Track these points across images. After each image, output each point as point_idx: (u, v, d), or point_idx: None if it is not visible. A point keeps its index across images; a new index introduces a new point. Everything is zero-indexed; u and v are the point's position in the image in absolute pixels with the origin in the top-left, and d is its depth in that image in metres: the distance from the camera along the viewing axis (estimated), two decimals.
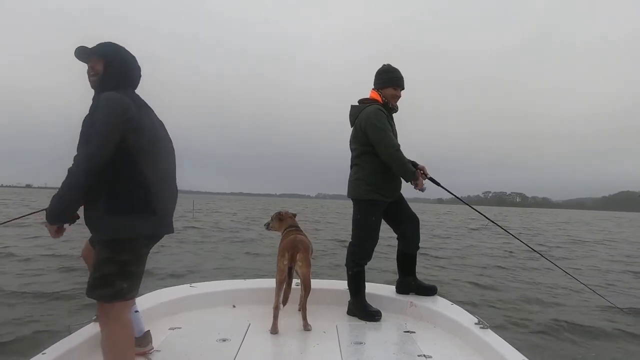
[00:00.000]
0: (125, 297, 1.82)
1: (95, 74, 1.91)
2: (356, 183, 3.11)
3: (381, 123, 2.98)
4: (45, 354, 1.97)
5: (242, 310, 3.05)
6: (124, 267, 1.80)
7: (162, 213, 1.89)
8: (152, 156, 1.87)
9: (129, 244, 1.81)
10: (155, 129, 1.96)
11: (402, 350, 2.42)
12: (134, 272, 1.84)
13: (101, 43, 1.95)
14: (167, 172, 1.97)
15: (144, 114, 1.91)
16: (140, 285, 1.94)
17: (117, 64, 1.93)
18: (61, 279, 6.81)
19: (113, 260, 1.78)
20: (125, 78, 1.95)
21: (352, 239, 3.15)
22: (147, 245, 1.92)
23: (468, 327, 2.53)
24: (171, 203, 1.98)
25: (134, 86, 2.01)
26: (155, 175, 1.86)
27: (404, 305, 3.07)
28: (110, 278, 1.78)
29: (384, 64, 3.20)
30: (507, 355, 2.12)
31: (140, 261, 1.88)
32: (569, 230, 27.98)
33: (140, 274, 1.90)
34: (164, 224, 1.92)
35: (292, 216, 3.17)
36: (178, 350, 2.32)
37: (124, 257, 1.79)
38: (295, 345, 2.49)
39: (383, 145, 2.97)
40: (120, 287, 1.79)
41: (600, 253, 14.04)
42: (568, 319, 5.52)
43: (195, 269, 8.12)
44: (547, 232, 24.50)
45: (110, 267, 1.78)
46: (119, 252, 1.79)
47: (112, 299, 1.79)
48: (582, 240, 19.40)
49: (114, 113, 1.75)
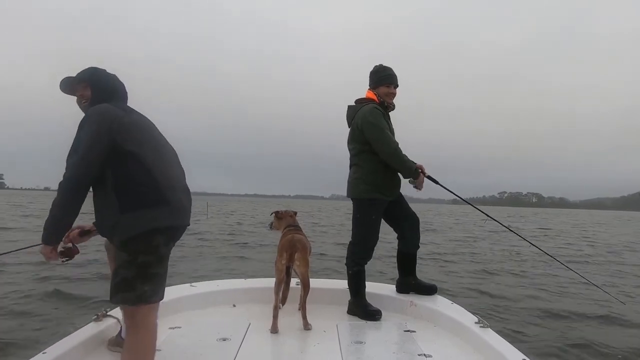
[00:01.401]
0: (148, 300, 1.79)
1: (86, 100, 1.96)
2: (355, 182, 3.11)
3: (378, 121, 2.99)
4: (46, 354, 1.97)
5: (242, 309, 3.05)
6: (145, 269, 1.77)
7: (175, 203, 1.85)
8: (152, 151, 1.85)
9: (145, 242, 1.77)
10: (151, 128, 1.97)
11: (402, 349, 2.42)
12: (155, 274, 1.80)
13: (82, 71, 2.02)
14: (171, 165, 1.96)
15: (135, 116, 1.92)
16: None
17: (103, 81, 2.00)
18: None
19: (132, 263, 1.76)
20: (113, 92, 2.00)
21: (352, 238, 3.16)
22: (166, 243, 1.85)
23: (468, 327, 2.52)
24: (183, 194, 1.93)
25: (124, 99, 2.05)
26: (160, 169, 1.84)
27: (404, 304, 3.07)
28: (131, 282, 1.75)
29: (375, 65, 3.23)
30: (508, 354, 2.12)
31: (161, 262, 1.83)
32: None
33: (163, 275, 1.85)
34: (178, 214, 1.87)
35: (291, 215, 3.17)
36: (178, 349, 2.32)
37: (143, 259, 1.76)
38: (295, 345, 2.49)
39: (380, 143, 2.98)
40: (142, 291, 1.76)
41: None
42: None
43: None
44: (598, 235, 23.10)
45: (131, 271, 1.75)
46: (138, 254, 1.76)
47: (135, 302, 1.77)
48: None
49: (101, 120, 1.78)
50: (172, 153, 2.04)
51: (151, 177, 1.79)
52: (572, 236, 21.53)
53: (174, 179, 1.92)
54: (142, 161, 1.79)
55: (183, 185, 1.98)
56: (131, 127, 1.84)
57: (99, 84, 1.98)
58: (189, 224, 1.97)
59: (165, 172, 1.87)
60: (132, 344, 1.82)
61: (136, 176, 1.78)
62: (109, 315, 2.45)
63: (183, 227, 1.94)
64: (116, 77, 2.07)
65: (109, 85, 2.01)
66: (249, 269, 8.40)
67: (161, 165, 1.86)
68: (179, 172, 2.01)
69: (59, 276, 6.92)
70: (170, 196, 1.83)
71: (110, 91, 1.99)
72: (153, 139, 1.92)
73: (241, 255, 10.63)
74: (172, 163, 1.98)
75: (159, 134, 2.02)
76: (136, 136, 1.83)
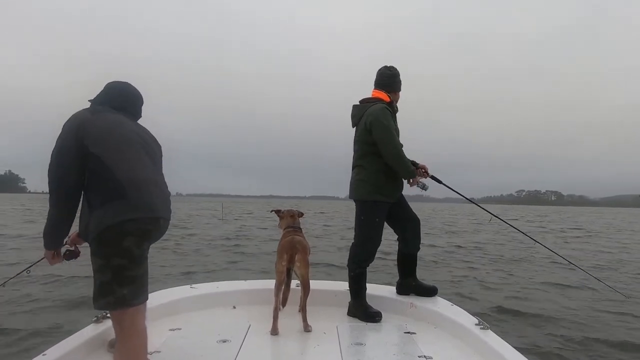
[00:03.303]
0: (130, 303, 1.79)
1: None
2: (359, 184, 3.10)
3: (388, 121, 2.99)
4: (46, 355, 1.97)
5: (242, 311, 3.05)
6: (120, 272, 1.76)
7: (137, 198, 1.82)
8: (114, 150, 1.85)
9: (115, 243, 1.76)
10: (117, 126, 1.94)
11: (402, 351, 2.42)
12: (132, 277, 1.79)
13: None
14: (136, 161, 1.91)
15: (102, 116, 1.92)
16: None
17: (102, 94, 2.10)
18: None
19: (107, 267, 1.76)
20: (100, 100, 2.06)
21: (354, 240, 3.15)
22: (138, 244, 1.82)
23: (468, 328, 2.52)
24: (149, 189, 1.89)
25: (115, 105, 2.05)
26: (121, 166, 1.83)
27: (405, 306, 3.07)
28: (108, 286, 1.76)
29: (389, 67, 3.20)
30: (508, 356, 2.12)
31: (136, 264, 1.81)
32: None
33: (142, 277, 1.84)
34: (143, 208, 1.83)
35: (292, 215, 3.13)
36: (178, 351, 2.32)
37: (117, 262, 1.76)
38: (295, 346, 2.49)
39: (386, 143, 2.97)
40: (121, 294, 1.76)
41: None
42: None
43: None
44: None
45: (106, 274, 1.76)
46: (110, 257, 1.76)
47: (116, 306, 1.78)
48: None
49: (67, 127, 1.85)
50: (141, 149, 1.97)
51: (112, 174, 1.80)
52: (609, 237, 19.92)
53: (138, 174, 1.88)
54: (104, 160, 1.81)
55: (150, 180, 1.92)
56: (93, 129, 1.85)
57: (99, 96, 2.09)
58: (164, 217, 1.93)
59: (128, 169, 1.85)
60: (122, 349, 1.84)
61: (100, 176, 1.80)
62: (109, 317, 2.45)
63: (152, 223, 1.88)
64: (122, 84, 2.13)
65: (103, 95, 2.08)
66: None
67: (122, 163, 1.85)
68: (147, 167, 1.95)
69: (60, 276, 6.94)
70: (132, 191, 1.81)
71: (101, 100, 2.05)
72: (116, 138, 1.89)
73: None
74: (138, 159, 1.93)
75: (130, 131, 1.97)
76: (98, 137, 1.84)
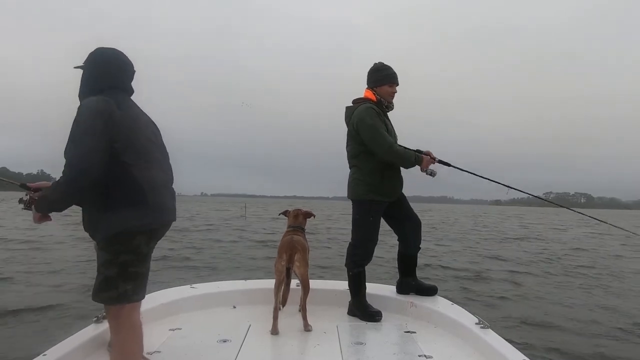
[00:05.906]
0: (130, 299, 1.81)
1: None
2: (354, 183, 3.11)
3: (372, 120, 2.96)
4: (46, 355, 1.97)
5: (243, 311, 3.05)
6: (126, 268, 1.78)
7: (156, 204, 1.84)
8: (138, 151, 1.83)
9: (126, 241, 1.78)
10: (142, 123, 1.92)
11: (402, 350, 2.42)
12: (137, 273, 1.82)
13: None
14: (156, 165, 1.92)
15: (125, 116, 1.83)
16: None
17: (93, 67, 1.90)
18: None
19: (114, 262, 1.77)
20: (105, 80, 1.89)
21: (351, 240, 3.15)
22: (147, 242, 1.86)
23: (469, 327, 2.52)
24: (165, 194, 1.91)
25: (120, 86, 1.93)
26: (143, 169, 1.82)
27: (405, 305, 3.07)
28: (113, 281, 1.77)
29: (375, 63, 3.17)
30: (508, 355, 2.12)
31: (142, 261, 1.85)
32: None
33: (145, 274, 1.87)
34: (160, 214, 1.87)
35: (296, 215, 3.10)
36: (178, 351, 2.32)
37: (124, 258, 1.78)
38: (295, 346, 2.49)
39: (375, 141, 2.96)
40: (124, 290, 1.78)
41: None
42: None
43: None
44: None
45: (112, 270, 1.77)
46: (119, 253, 1.77)
47: (117, 301, 1.79)
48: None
49: (93, 123, 1.72)
50: (159, 152, 1.99)
51: (133, 178, 1.79)
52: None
53: (156, 179, 1.89)
54: (127, 161, 1.78)
55: (165, 183, 1.95)
56: (123, 129, 1.79)
57: (88, 68, 1.90)
58: (174, 219, 1.98)
59: (149, 175, 1.85)
60: (118, 344, 1.85)
61: (120, 176, 1.77)
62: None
63: (164, 226, 1.95)
64: (118, 58, 1.95)
65: (100, 71, 1.90)
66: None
67: (145, 166, 1.84)
68: (161, 168, 1.96)
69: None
70: (152, 197, 1.82)
71: (101, 79, 1.88)
72: (141, 142, 1.87)
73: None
74: (156, 162, 1.94)
75: (146, 128, 1.95)
76: (126, 140, 1.80)
